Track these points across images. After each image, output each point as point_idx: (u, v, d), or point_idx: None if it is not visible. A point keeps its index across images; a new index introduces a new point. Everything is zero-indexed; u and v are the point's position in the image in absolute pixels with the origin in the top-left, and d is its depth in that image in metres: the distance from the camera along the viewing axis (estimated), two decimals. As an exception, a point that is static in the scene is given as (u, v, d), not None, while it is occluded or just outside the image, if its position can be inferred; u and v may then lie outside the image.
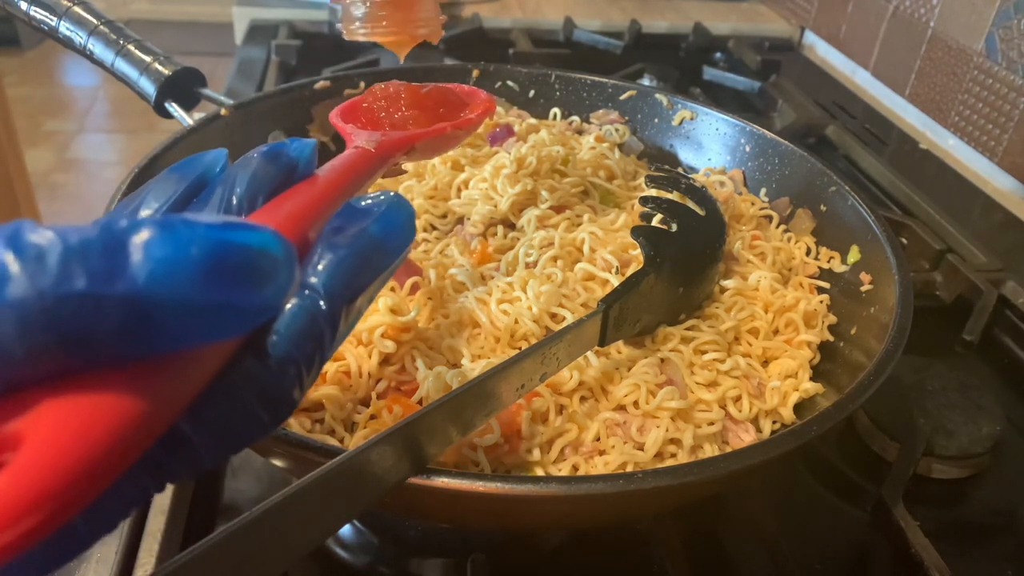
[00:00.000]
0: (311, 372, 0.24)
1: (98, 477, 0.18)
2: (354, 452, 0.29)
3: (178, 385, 0.21)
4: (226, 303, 0.20)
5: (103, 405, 0.18)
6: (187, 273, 0.19)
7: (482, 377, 0.35)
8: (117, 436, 0.18)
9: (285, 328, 0.23)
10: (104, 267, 0.18)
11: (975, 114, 0.96)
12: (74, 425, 0.18)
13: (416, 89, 0.47)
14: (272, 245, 0.21)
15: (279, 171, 0.28)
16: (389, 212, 0.28)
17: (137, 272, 0.18)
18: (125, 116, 2.88)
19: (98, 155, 2.69)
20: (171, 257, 0.19)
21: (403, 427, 0.31)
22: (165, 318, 0.19)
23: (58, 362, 0.18)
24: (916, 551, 0.47)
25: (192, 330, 0.20)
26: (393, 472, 0.31)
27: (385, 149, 0.39)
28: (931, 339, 0.67)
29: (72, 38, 0.60)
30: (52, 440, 0.17)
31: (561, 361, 0.41)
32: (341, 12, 0.54)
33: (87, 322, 0.18)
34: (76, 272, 0.18)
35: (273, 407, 0.24)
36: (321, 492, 0.27)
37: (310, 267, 0.25)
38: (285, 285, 0.21)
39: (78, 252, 0.18)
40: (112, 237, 0.18)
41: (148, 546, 0.46)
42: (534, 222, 0.57)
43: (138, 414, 0.19)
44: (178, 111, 0.61)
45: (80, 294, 0.17)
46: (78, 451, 0.18)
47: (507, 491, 0.33)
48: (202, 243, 0.19)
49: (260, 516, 0.25)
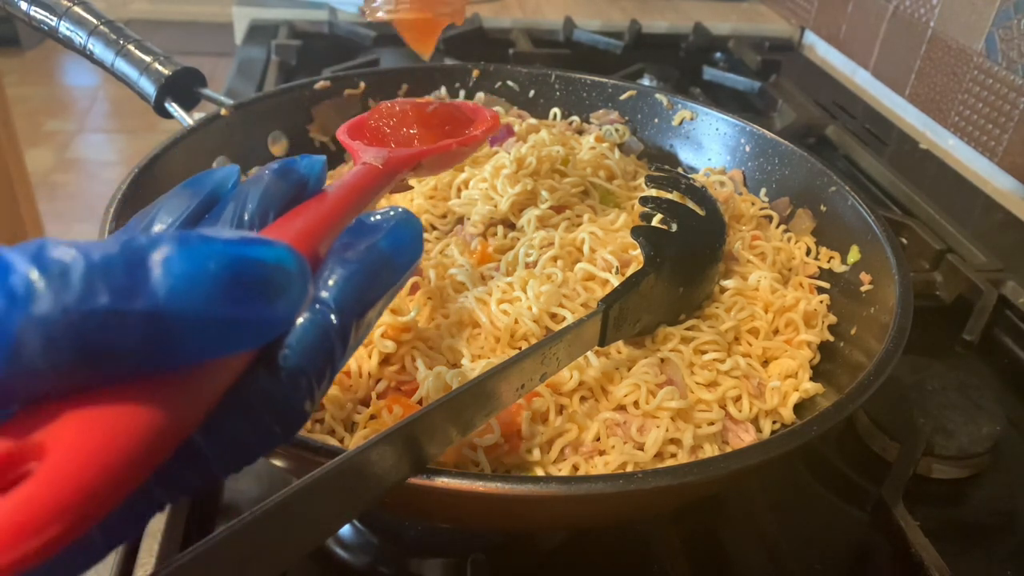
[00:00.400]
0: (322, 385, 0.25)
1: (118, 488, 0.19)
2: (354, 452, 0.29)
3: (194, 397, 0.21)
4: (242, 317, 0.20)
5: (124, 417, 0.19)
6: (205, 288, 0.19)
7: (482, 377, 0.35)
8: (137, 447, 0.19)
9: (297, 342, 0.24)
10: (126, 283, 0.18)
11: (975, 114, 0.96)
12: (96, 436, 0.18)
13: (422, 107, 0.48)
14: (286, 259, 0.21)
15: (290, 187, 0.29)
16: (398, 228, 0.28)
17: (158, 288, 0.19)
18: (125, 116, 2.88)
19: (98, 155, 2.69)
20: (190, 272, 0.19)
21: (403, 427, 0.31)
22: (184, 332, 0.19)
23: (81, 376, 0.18)
24: (916, 551, 0.47)
25: (209, 344, 0.20)
26: (393, 472, 0.31)
27: (392, 166, 0.40)
28: (931, 339, 0.67)
29: (72, 38, 0.60)
30: (75, 451, 0.18)
31: (561, 361, 0.41)
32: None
33: (110, 337, 0.18)
34: (99, 289, 0.18)
35: (285, 420, 0.24)
36: (321, 492, 0.27)
37: (321, 282, 0.26)
38: (299, 299, 0.22)
39: (101, 269, 0.18)
40: (133, 253, 0.19)
41: (148, 546, 0.46)
42: (534, 222, 0.57)
43: (157, 426, 0.20)
44: (178, 111, 0.61)
45: (104, 310, 0.18)
46: (100, 462, 0.18)
47: (507, 491, 0.33)
48: (219, 258, 0.20)
49: (260, 516, 0.25)
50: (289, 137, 0.67)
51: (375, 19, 0.53)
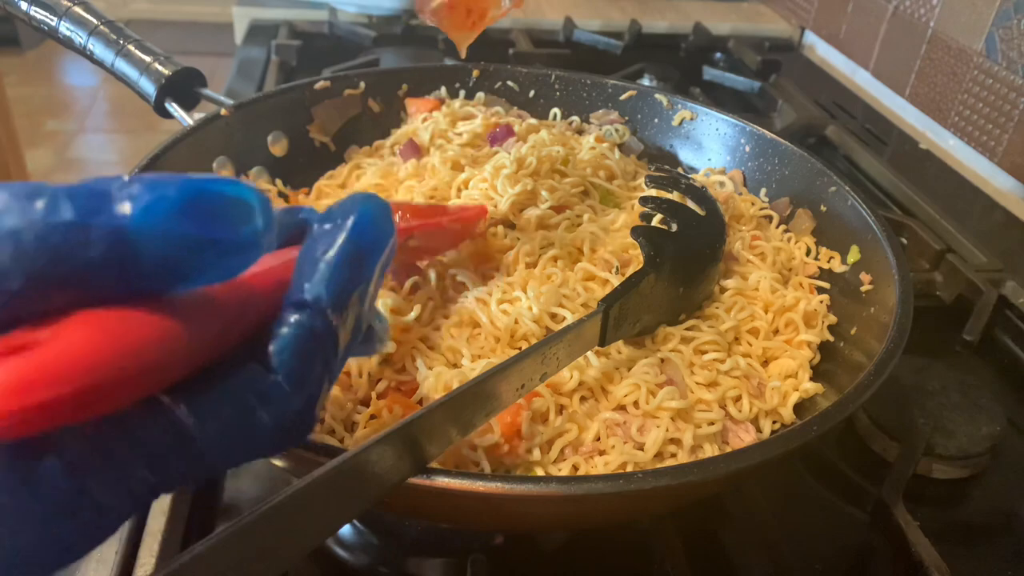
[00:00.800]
0: (318, 381, 0.26)
1: (116, 382, 0.20)
2: (354, 452, 0.29)
3: (192, 328, 0.22)
4: (205, 236, 0.21)
5: (128, 321, 0.21)
6: (165, 208, 0.20)
7: (482, 377, 0.35)
8: (139, 346, 0.21)
9: (285, 340, 0.25)
10: (90, 204, 0.20)
11: (975, 114, 0.96)
12: (104, 327, 0.20)
13: (419, 207, 0.52)
14: (247, 195, 0.22)
15: (292, 224, 0.30)
16: (359, 220, 0.28)
17: (120, 207, 0.20)
18: (125, 116, 2.88)
19: (98, 155, 2.69)
20: (151, 198, 0.20)
21: (403, 427, 0.31)
22: (147, 249, 0.20)
23: (60, 298, 0.20)
24: (916, 551, 0.47)
25: (176, 267, 0.21)
26: (393, 472, 0.31)
27: None
28: (931, 339, 0.67)
29: (72, 38, 0.60)
30: (78, 333, 0.20)
31: (561, 361, 0.41)
32: None
33: (75, 249, 0.20)
34: (64, 206, 0.20)
35: (280, 417, 0.25)
36: (321, 492, 0.28)
37: (297, 288, 0.26)
38: (262, 228, 0.22)
39: (66, 193, 0.20)
40: (97, 185, 0.21)
41: (148, 546, 0.46)
42: (534, 222, 0.57)
43: (158, 336, 0.21)
44: (178, 111, 0.61)
45: (68, 222, 0.20)
46: (99, 347, 0.20)
47: (507, 491, 0.33)
48: (179, 187, 0.21)
49: (260, 516, 0.25)
50: (289, 137, 0.67)
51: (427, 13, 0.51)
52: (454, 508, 0.37)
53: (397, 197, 0.62)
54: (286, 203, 0.63)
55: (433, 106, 0.73)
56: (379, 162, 0.68)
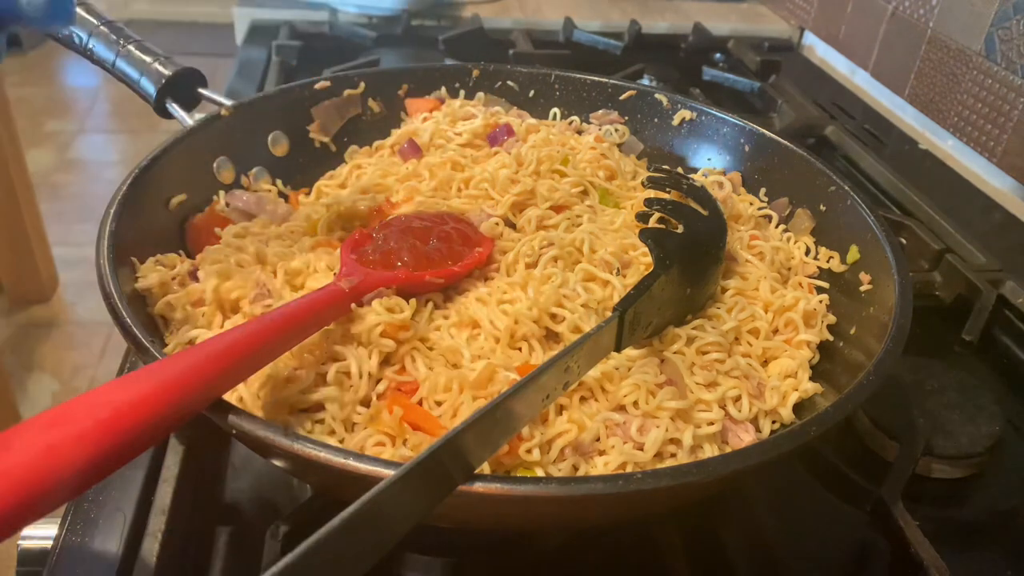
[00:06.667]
0: None
1: None
2: (374, 492, 0.30)
3: None
4: None
5: None
6: None
7: (508, 393, 0.36)
8: None
9: None
10: None
11: (974, 114, 0.96)
12: None
13: (432, 225, 0.53)
14: None
15: None
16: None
17: None
18: (126, 116, 2.88)
19: (99, 155, 2.69)
20: None
21: (439, 448, 0.32)
22: None
23: None
24: (915, 551, 0.47)
25: None
26: (445, 484, 0.33)
27: (359, 290, 0.47)
28: (931, 339, 0.67)
29: (73, 39, 0.60)
30: None
31: (582, 369, 0.41)
32: None
33: None
34: None
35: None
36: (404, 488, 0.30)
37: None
38: None
39: None
40: None
41: (148, 546, 0.46)
42: (534, 222, 0.57)
43: None
44: (179, 111, 0.61)
45: None
46: None
47: (507, 491, 0.33)
48: None
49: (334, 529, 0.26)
50: (289, 137, 0.67)
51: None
52: (454, 508, 0.37)
53: (397, 197, 0.62)
54: (286, 203, 0.63)
55: (433, 106, 0.73)
56: (379, 162, 0.68)
